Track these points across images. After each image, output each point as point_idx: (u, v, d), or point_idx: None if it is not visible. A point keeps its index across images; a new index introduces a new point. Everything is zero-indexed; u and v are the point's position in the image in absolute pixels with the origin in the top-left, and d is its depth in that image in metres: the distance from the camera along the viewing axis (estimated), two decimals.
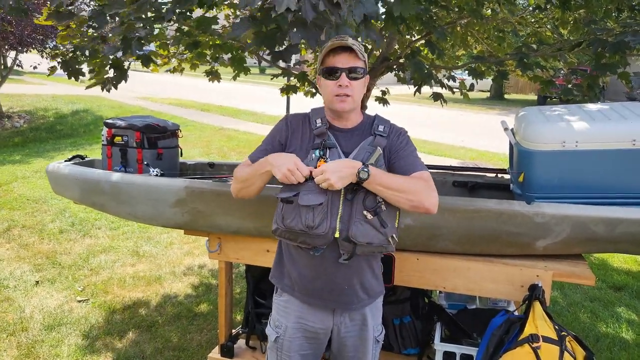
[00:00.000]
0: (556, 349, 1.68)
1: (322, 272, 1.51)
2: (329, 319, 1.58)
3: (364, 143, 1.51)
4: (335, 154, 1.48)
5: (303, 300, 1.57)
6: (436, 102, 3.44)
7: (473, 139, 9.89)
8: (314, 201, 1.41)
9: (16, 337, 2.83)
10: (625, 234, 1.83)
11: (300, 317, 1.58)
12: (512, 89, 23.31)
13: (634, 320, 3.27)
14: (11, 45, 9.63)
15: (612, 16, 2.96)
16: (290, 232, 1.45)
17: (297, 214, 1.42)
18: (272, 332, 1.63)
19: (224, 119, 11.46)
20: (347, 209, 1.43)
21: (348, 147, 1.51)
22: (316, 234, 1.42)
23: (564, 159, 1.84)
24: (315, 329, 1.59)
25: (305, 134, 1.54)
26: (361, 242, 1.42)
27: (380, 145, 1.50)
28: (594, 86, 2.71)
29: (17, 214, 4.94)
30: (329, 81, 1.48)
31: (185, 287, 3.55)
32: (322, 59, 1.50)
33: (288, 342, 1.59)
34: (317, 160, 1.46)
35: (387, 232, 1.44)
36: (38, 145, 8.64)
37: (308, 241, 1.44)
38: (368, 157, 1.46)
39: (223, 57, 3.52)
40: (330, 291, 1.53)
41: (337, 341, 1.61)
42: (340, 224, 1.42)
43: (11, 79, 14.48)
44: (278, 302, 1.64)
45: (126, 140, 2.50)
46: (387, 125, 1.57)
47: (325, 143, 1.48)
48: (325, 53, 1.49)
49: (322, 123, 1.52)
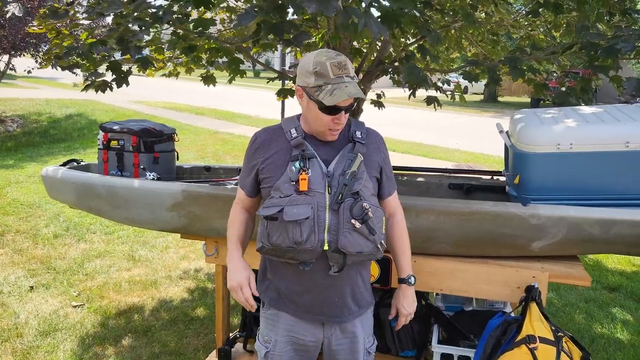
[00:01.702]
0: (553, 349, 1.69)
1: (312, 286, 1.47)
2: (319, 331, 1.54)
3: (344, 151, 1.47)
4: (316, 164, 1.43)
5: (292, 313, 1.52)
6: (430, 106, 3.46)
7: (467, 142, 9.94)
8: (300, 215, 1.36)
9: (11, 343, 2.80)
10: (620, 235, 1.85)
11: (290, 331, 1.54)
12: (506, 92, 23.49)
13: (629, 320, 3.29)
14: (4, 49, 9.59)
15: (604, 20, 3.00)
16: (278, 250, 1.40)
17: (284, 230, 1.37)
18: (262, 347, 1.58)
19: (218, 123, 11.45)
20: (334, 219, 1.39)
21: (327, 155, 1.46)
22: (304, 249, 1.38)
23: (559, 161, 1.86)
24: (305, 342, 1.55)
25: (280, 147, 1.48)
26: (351, 252, 1.39)
27: (361, 152, 1.47)
28: (587, 89, 2.74)
29: (10, 219, 4.90)
30: (325, 115, 1.40)
31: (181, 291, 3.53)
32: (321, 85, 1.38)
33: (278, 357, 1.55)
34: (298, 172, 1.40)
35: (375, 240, 1.41)
36: (31, 149, 8.59)
37: (297, 257, 1.40)
38: (350, 165, 1.43)
39: (219, 61, 3.53)
40: (320, 305, 1.49)
41: (328, 354, 1.58)
42: (329, 235, 1.39)
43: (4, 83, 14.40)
44: (266, 316, 1.58)
45: (122, 144, 2.49)
46: (364, 130, 1.53)
47: (304, 154, 1.43)
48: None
49: (298, 133, 1.47)
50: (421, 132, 10.84)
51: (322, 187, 1.41)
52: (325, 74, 1.37)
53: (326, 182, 1.41)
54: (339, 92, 1.36)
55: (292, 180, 1.40)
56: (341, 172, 1.42)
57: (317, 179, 1.41)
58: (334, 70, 1.37)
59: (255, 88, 21.10)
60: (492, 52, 3.63)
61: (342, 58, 1.40)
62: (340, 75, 1.37)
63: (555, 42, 3.39)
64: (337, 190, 1.40)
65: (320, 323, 1.53)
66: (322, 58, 1.39)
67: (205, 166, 2.89)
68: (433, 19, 3.09)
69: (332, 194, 1.40)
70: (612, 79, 2.58)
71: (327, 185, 1.41)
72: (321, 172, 1.42)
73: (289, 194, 1.39)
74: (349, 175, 1.41)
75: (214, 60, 3.50)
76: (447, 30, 3.38)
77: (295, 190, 1.39)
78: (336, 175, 1.42)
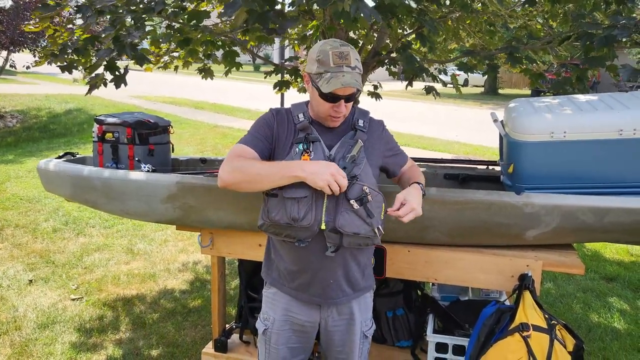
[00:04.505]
0: (546, 337, 1.70)
1: (308, 266, 1.52)
2: (315, 312, 1.58)
3: (346, 137, 1.53)
4: (319, 147, 1.49)
5: (290, 293, 1.58)
6: (430, 98, 3.45)
7: (467, 134, 9.92)
8: (298, 194, 1.41)
9: (9, 336, 2.82)
10: (614, 222, 1.85)
11: (288, 310, 1.59)
12: (506, 84, 23.38)
13: (626, 310, 3.30)
14: (3, 45, 9.58)
15: (601, 9, 2.98)
16: (276, 226, 1.45)
17: (282, 206, 1.42)
18: (261, 324, 1.64)
19: (218, 117, 11.44)
20: (333, 199, 1.43)
21: (331, 141, 1.52)
22: (301, 226, 1.42)
23: (553, 150, 1.86)
24: (302, 322, 1.59)
25: (289, 128, 1.54)
26: (348, 232, 1.43)
27: (362, 139, 1.52)
28: (583, 79, 2.72)
29: (10, 213, 4.92)
30: (324, 102, 1.46)
31: (179, 283, 3.55)
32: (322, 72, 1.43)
33: (276, 335, 1.60)
34: (301, 154, 1.46)
35: (373, 223, 1.44)
36: (31, 144, 8.60)
37: (293, 234, 1.44)
38: (350, 149, 1.48)
39: (215, 54, 3.52)
40: (316, 285, 1.53)
41: (325, 335, 1.62)
42: (327, 215, 1.43)
43: (4, 78, 14.40)
44: (267, 294, 1.65)
45: (117, 137, 2.49)
46: (367, 119, 1.59)
47: (308, 137, 1.49)
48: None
49: (305, 117, 1.53)
50: (421, 125, 10.82)
51: None
52: (326, 62, 1.42)
53: None
54: (334, 80, 1.41)
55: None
56: (341, 156, 1.47)
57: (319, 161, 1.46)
58: (335, 60, 1.42)
59: (254, 82, 21.05)
60: (489, 43, 3.62)
61: (346, 48, 1.45)
62: (340, 65, 1.42)
63: (552, 31, 3.37)
64: None
65: (316, 305, 1.57)
66: (326, 47, 1.44)
67: (201, 158, 2.89)
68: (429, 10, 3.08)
69: None
70: (608, 68, 2.56)
71: None
72: (323, 155, 1.48)
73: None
74: (349, 159, 1.46)
75: (211, 53, 3.49)
76: (445, 21, 3.37)
77: None
78: (337, 158, 1.47)
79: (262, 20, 1.87)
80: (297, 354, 1.63)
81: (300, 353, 1.64)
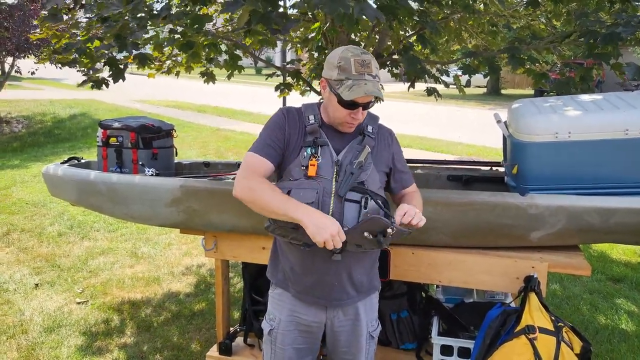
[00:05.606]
0: (553, 339, 1.68)
1: (313, 269, 1.52)
2: (321, 313, 1.59)
3: (354, 142, 1.53)
4: (327, 152, 1.49)
5: (295, 295, 1.58)
6: (432, 99, 3.44)
7: (470, 135, 9.89)
8: (305, 199, 1.41)
9: (16, 340, 2.83)
10: (620, 223, 1.83)
11: (293, 311, 1.59)
12: (509, 84, 23.31)
13: (634, 311, 3.27)
14: (8, 51, 9.64)
15: (604, 8, 2.96)
16: (282, 229, 1.46)
17: None
18: (267, 324, 1.64)
19: (220, 120, 11.47)
20: (339, 205, 1.44)
21: (340, 145, 1.52)
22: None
23: (557, 150, 1.84)
24: (308, 322, 1.59)
25: (299, 130, 1.53)
26: (352, 242, 1.41)
27: (369, 145, 1.53)
28: (587, 78, 2.71)
29: (16, 218, 4.94)
30: (342, 108, 1.45)
31: (183, 287, 3.55)
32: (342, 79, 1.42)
33: (282, 335, 1.60)
34: (309, 158, 1.47)
35: (382, 242, 1.41)
36: (36, 149, 8.65)
37: (299, 238, 1.44)
38: (357, 155, 1.49)
39: (217, 58, 3.53)
40: (321, 288, 1.54)
41: (331, 336, 1.62)
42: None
43: (10, 84, 14.48)
44: (272, 295, 1.66)
45: (121, 141, 2.50)
46: (376, 125, 1.59)
47: (317, 141, 1.49)
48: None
49: (315, 120, 1.53)
50: (423, 126, 10.80)
51: (330, 174, 1.47)
52: (348, 69, 1.42)
53: (335, 169, 1.47)
54: (357, 88, 1.41)
55: (302, 165, 1.47)
56: (349, 162, 1.48)
57: (327, 166, 1.47)
58: (357, 67, 1.42)
59: (256, 85, 21.09)
60: (491, 43, 3.61)
61: (367, 57, 1.45)
62: (362, 73, 1.42)
63: (555, 31, 3.35)
64: (344, 178, 1.46)
65: (322, 306, 1.57)
66: (347, 54, 1.44)
67: (205, 162, 2.90)
68: (431, 12, 3.07)
69: (339, 182, 1.46)
70: (613, 67, 2.55)
71: (335, 173, 1.47)
72: (331, 159, 1.48)
73: (298, 178, 1.46)
74: (356, 165, 1.47)
75: (213, 58, 3.50)
76: (447, 21, 3.36)
77: (304, 175, 1.46)
78: (345, 163, 1.48)
79: (265, 21, 1.88)
80: (304, 356, 1.63)
81: (307, 355, 1.64)
